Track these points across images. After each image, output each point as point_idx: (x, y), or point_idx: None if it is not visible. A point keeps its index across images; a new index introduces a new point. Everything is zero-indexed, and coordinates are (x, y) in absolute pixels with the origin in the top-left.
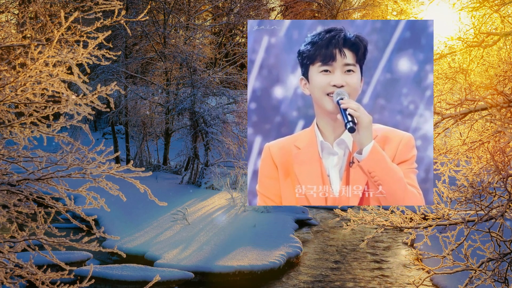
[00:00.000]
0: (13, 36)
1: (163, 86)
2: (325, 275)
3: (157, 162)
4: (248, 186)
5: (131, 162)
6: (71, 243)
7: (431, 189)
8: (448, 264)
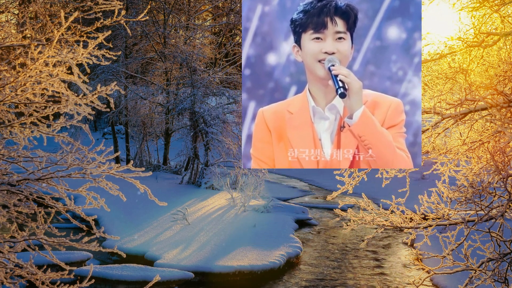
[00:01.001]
0: (13, 36)
1: (163, 86)
2: (325, 275)
3: (157, 162)
4: (243, 150)
5: (131, 162)
6: (71, 243)
7: (419, 152)
8: (448, 264)
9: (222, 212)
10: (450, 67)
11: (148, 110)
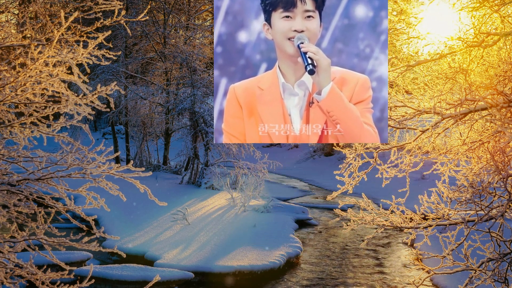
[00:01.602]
0: (13, 36)
1: (163, 86)
2: (325, 275)
3: (157, 162)
4: (215, 125)
5: (131, 162)
6: (71, 243)
7: (385, 127)
8: (448, 264)
9: (222, 212)
10: (450, 67)
11: (148, 110)
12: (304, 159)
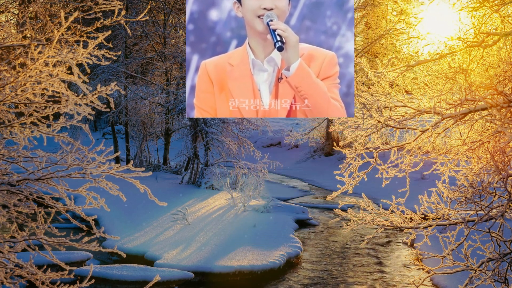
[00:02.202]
0: (13, 36)
1: (163, 86)
2: (325, 275)
3: (157, 162)
4: (186, 100)
5: (131, 162)
6: (71, 243)
7: (352, 102)
8: (448, 264)
9: (222, 212)
10: (450, 67)
11: (148, 110)
12: (304, 159)
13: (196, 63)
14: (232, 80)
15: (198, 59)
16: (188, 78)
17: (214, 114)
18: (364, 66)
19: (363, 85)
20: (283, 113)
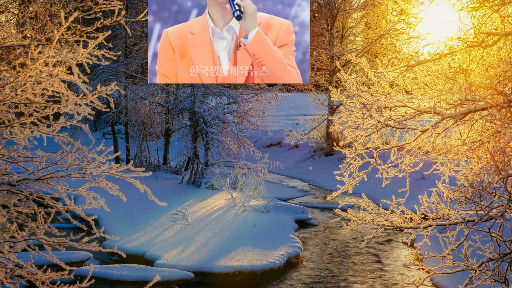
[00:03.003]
0: (13, 36)
1: (163, 86)
2: (325, 275)
3: (157, 162)
4: (149, 67)
5: (131, 162)
6: (71, 243)
7: (307, 69)
8: (448, 264)
9: (222, 212)
10: (450, 67)
11: (148, 110)
12: (304, 159)
13: (158, 31)
14: (192, 47)
15: (160, 27)
16: (150, 46)
17: (176, 80)
18: (364, 66)
19: (363, 85)
20: (241, 79)
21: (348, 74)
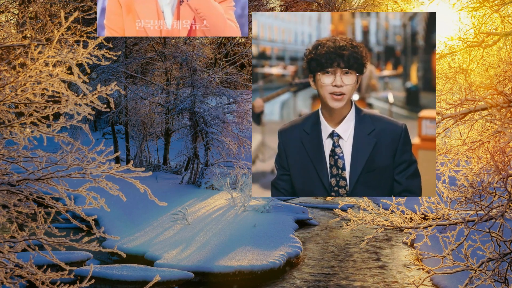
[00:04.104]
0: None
1: (163, 86)
2: (325, 275)
3: (157, 162)
4: (98, 20)
5: (131, 162)
6: (71, 243)
7: (246, 23)
8: (448, 264)
9: (222, 212)
10: (450, 67)
11: (148, 110)
12: None
13: None
14: (138, 2)
15: None
16: (99, 1)
17: (122, 33)
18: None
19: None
20: (184, 32)
21: None
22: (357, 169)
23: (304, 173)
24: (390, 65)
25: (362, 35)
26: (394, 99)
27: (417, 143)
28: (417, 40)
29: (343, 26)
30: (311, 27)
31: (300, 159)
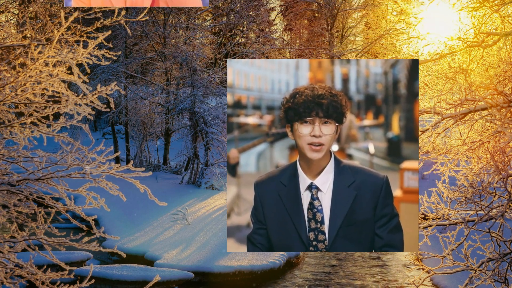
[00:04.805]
0: (13, 36)
1: (163, 86)
2: (325, 275)
3: (157, 162)
4: None
5: (131, 162)
6: (71, 243)
7: None
8: (448, 264)
9: (222, 212)
10: (450, 67)
11: (148, 110)
12: None
13: None
14: None
15: None
16: None
17: (89, 4)
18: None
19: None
20: (147, 2)
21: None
22: (337, 223)
23: (281, 227)
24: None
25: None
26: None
27: (399, 195)
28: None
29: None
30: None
31: (277, 212)
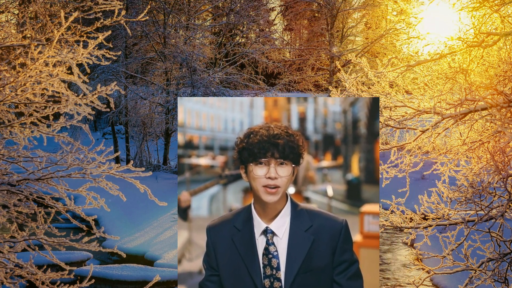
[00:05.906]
0: (13, 36)
1: (163, 86)
2: None
3: (157, 162)
4: None
5: (131, 162)
6: (71, 243)
7: None
8: (448, 264)
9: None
10: (450, 67)
11: (148, 110)
12: None
13: None
14: None
15: None
16: None
17: None
18: (364, 66)
19: (363, 85)
20: None
21: (348, 74)
22: (293, 269)
23: (235, 273)
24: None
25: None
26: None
27: (358, 240)
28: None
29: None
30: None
31: (230, 258)
